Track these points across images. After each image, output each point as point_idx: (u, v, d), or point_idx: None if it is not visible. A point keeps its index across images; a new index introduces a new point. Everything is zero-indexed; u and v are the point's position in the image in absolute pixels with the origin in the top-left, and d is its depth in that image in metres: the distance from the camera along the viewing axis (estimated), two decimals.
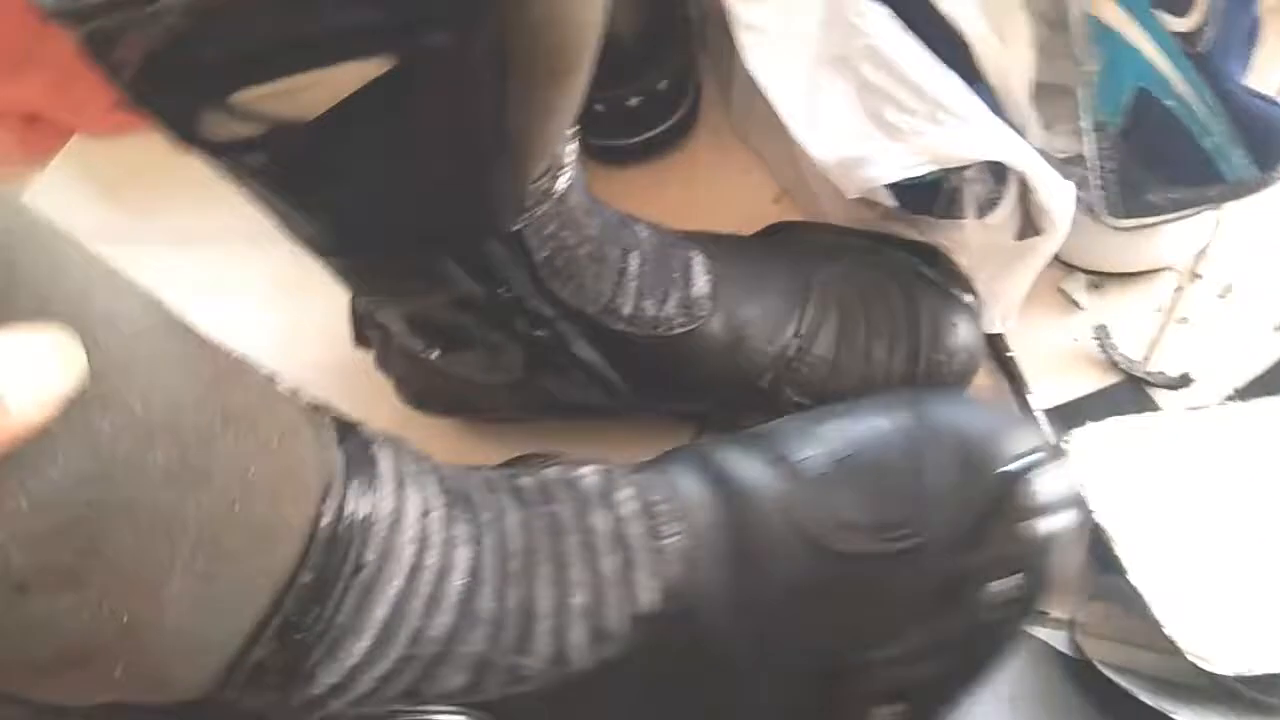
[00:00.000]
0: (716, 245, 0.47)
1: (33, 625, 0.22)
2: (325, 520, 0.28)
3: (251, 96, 0.29)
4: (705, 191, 0.57)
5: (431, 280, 0.39)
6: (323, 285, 0.61)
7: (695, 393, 0.46)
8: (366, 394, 0.56)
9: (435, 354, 0.44)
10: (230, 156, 0.34)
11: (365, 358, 0.58)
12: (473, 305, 0.41)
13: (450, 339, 0.43)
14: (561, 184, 0.38)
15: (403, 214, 0.35)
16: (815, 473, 0.36)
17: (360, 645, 0.30)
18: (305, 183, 0.34)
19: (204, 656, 0.27)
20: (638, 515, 0.35)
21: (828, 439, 0.37)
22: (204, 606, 0.26)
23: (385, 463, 0.33)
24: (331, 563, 0.29)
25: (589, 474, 0.37)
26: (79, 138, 0.68)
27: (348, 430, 0.33)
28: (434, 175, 0.33)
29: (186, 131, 0.31)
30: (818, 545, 0.34)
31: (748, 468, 0.36)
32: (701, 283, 0.45)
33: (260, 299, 0.61)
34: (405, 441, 0.36)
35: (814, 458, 0.36)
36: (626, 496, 0.35)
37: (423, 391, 0.49)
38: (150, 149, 0.68)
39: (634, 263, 0.44)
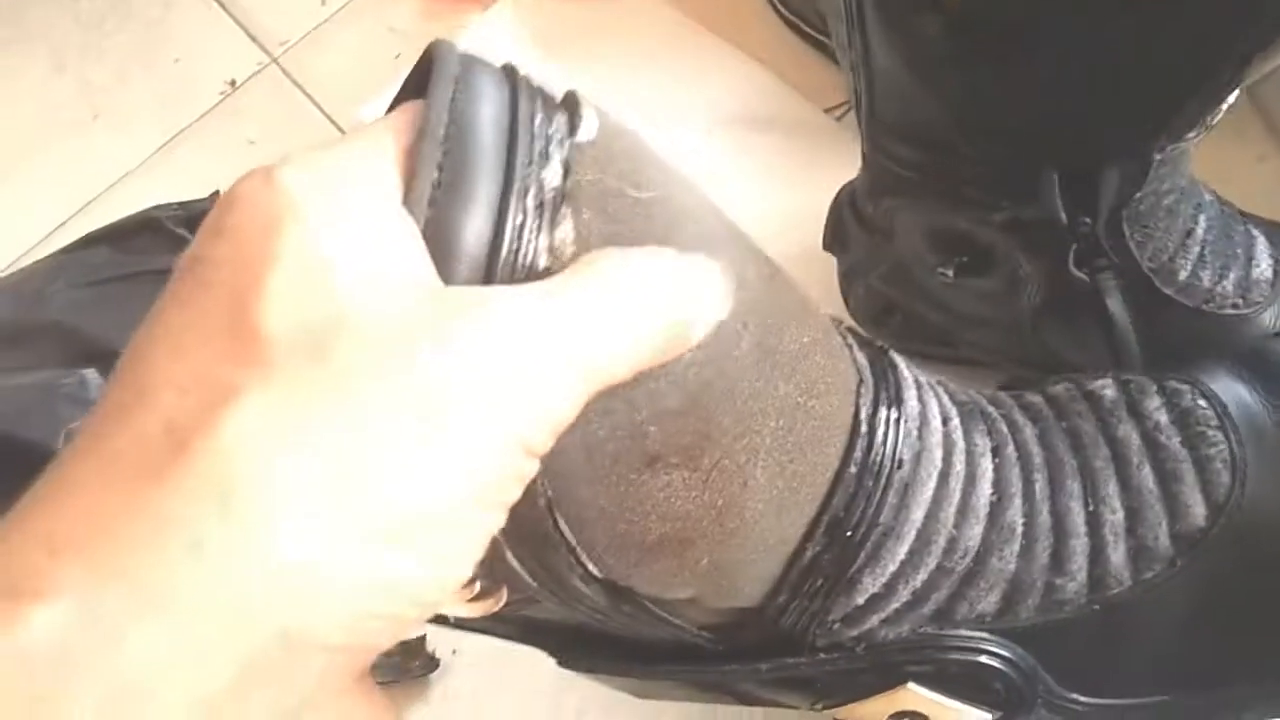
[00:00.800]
0: (1276, 231, 0.42)
1: (651, 501, 0.23)
2: (864, 414, 0.28)
3: None
4: (1205, 174, 0.51)
5: (1013, 194, 0.36)
6: (749, 176, 0.61)
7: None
8: None
9: (949, 274, 0.41)
10: (896, 18, 0.32)
11: (787, 262, 0.56)
12: (1025, 230, 0.38)
13: (973, 260, 0.41)
14: (1219, 118, 0.34)
15: (1064, 110, 0.32)
16: None
17: (900, 549, 0.29)
18: (971, 59, 0.31)
19: (770, 553, 0.27)
20: (1173, 424, 0.31)
21: None
22: (776, 498, 0.26)
23: (904, 369, 0.31)
24: (872, 458, 0.28)
25: (1104, 386, 0.33)
26: None
27: (863, 337, 0.31)
28: (1130, 72, 0.30)
29: None
30: None
31: None
32: (1265, 266, 0.40)
33: None
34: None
35: None
36: (1156, 406, 0.32)
37: (886, 312, 0.47)
38: (594, 13, 0.69)
39: (1201, 226, 0.39)
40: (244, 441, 0.15)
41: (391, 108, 0.21)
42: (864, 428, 0.28)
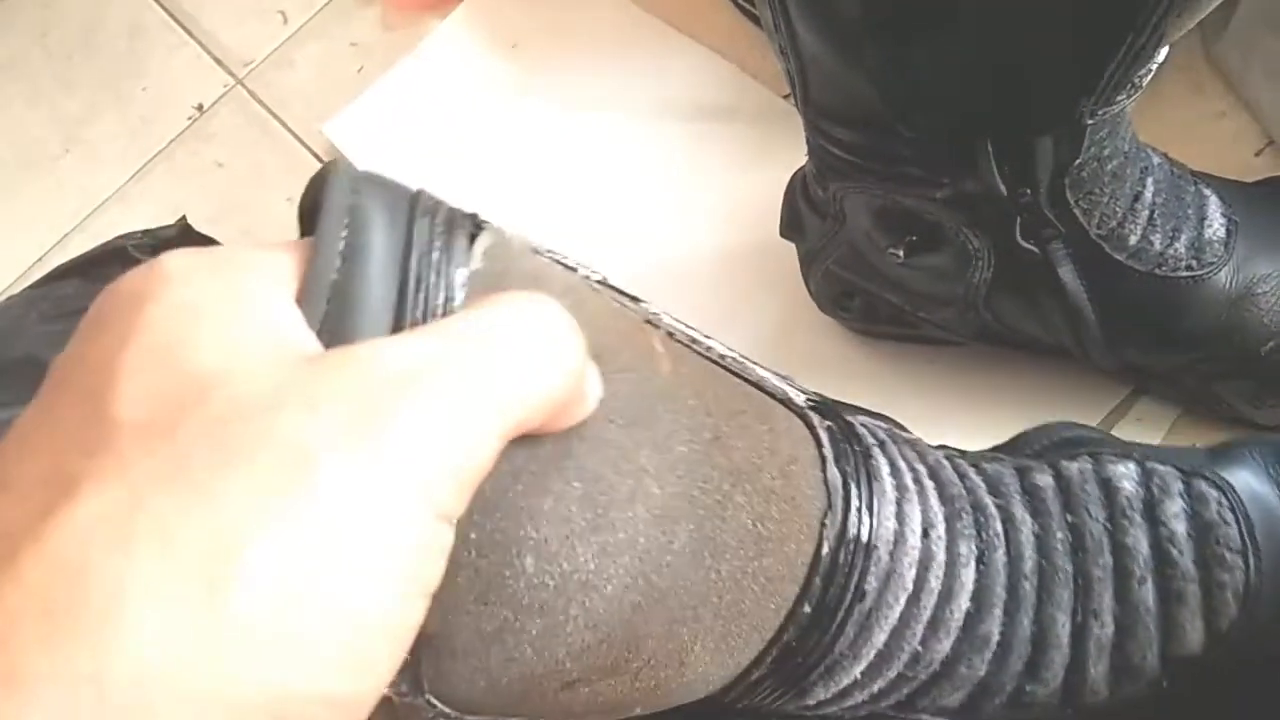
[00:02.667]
0: (1229, 189, 0.41)
1: (575, 703, 0.22)
2: (826, 549, 0.26)
3: None
4: (1166, 133, 0.51)
5: (951, 170, 0.36)
6: (712, 167, 0.61)
7: (1174, 347, 0.41)
8: (752, 291, 0.54)
9: (900, 253, 0.41)
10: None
11: (750, 250, 0.56)
12: (968, 205, 0.38)
13: (922, 239, 0.40)
14: (1149, 79, 0.33)
15: (989, 80, 0.32)
16: None
17: (856, 668, 0.28)
18: (892, 37, 0.31)
19: (711, 686, 0.26)
20: (1189, 538, 0.29)
21: None
22: (718, 657, 0.25)
23: (885, 476, 0.29)
24: (831, 593, 0.26)
25: (1124, 475, 0.31)
26: None
27: (846, 438, 0.29)
28: (1049, 39, 0.30)
29: None
30: None
31: None
32: (1217, 226, 0.40)
33: (644, 173, 0.60)
34: (894, 425, 0.32)
35: None
36: (1175, 512, 0.30)
37: (845, 296, 0.47)
38: (551, 7, 0.69)
39: (1149, 189, 0.39)
40: (76, 543, 0.14)
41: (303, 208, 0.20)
42: (824, 565, 0.26)
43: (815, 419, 0.28)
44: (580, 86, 0.63)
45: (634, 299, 0.24)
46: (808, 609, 0.26)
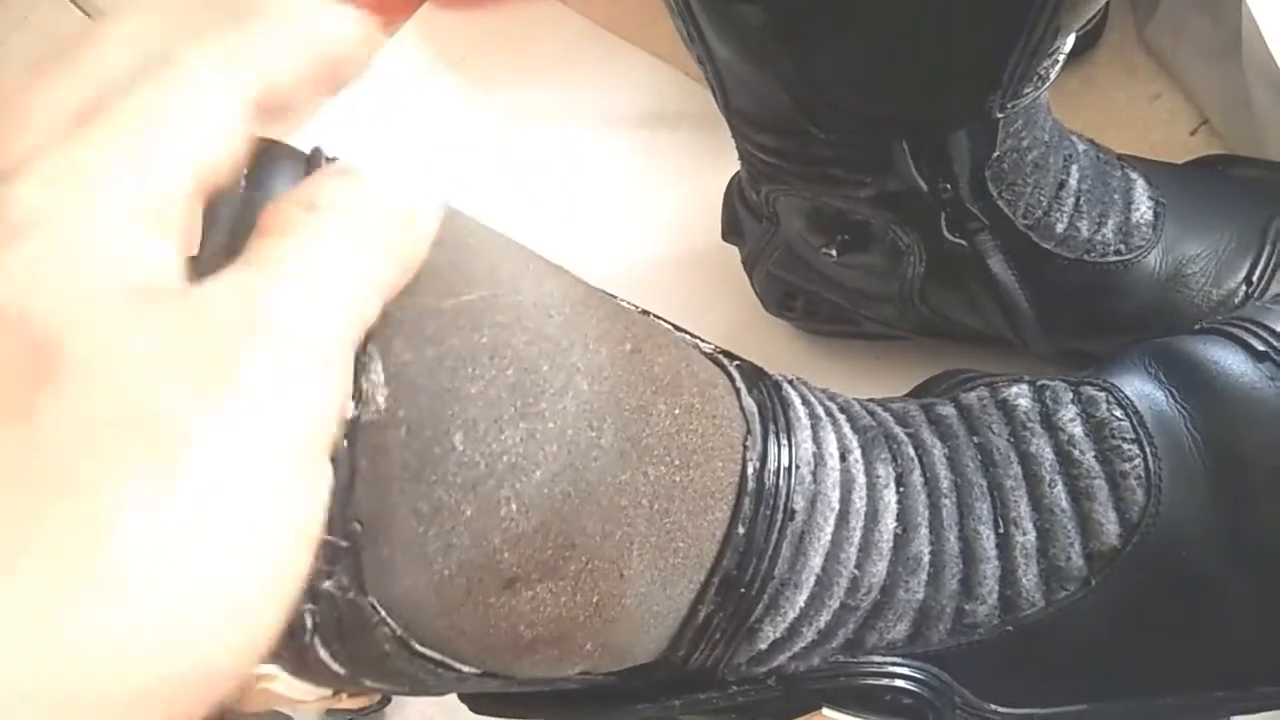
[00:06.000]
0: (1156, 171, 0.42)
1: (517, 615, 0.23)
2: (750, 470, 0.27)
3: None
4: (1101, 117, 0.51)
5: (871, 169, 0.36)
6: (662, 174, 0.61)
7: (1109, 331, 0.41)
8: (702, 295, 0.55)
9: (833, 253, 0.41)
10: (720, 9, 0.32)
11: (700, 256, 0.57)
12: (893, 202, 0.38)
13: (854, 237, 0.41)
14: (1057, 70, 0.34)
15: (893, 80, 0.32)
16: None
17: (799, 597, 0.28)
18: (797, 43, 0.31)
19: (659, 622, 0.27)
20: (1087, 438, 0.30)
21: None
22: (659, 576, 0.25)
23: (798, 405, 0.30)
24: (762, 513, 0.27)
25: (1019, 395, 0.32)
26: (429, 6, 0.69)
27: (756, 375, 0.30)
28: (947, 39, 0.30)
29: None
30: None
31: (1226, 363, 0.30)
32: (1144, 209, 0.40)
33: (594, 182, 0.60)
34: (806, 380, 0.33)
35: None
36: (1070, 417, 0.31)
37: (788, 297, 0.47)
38: (497, 23, 0.69)
39: (1074, 177, 0.39)
40: None
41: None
42: (751, 484, 0.27)
43: (724, 360, 0.30)
44: (528, 98, 0.63)
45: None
46: (741, 530, 0.26)
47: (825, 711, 0.30)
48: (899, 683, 0.29)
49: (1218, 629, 0.29)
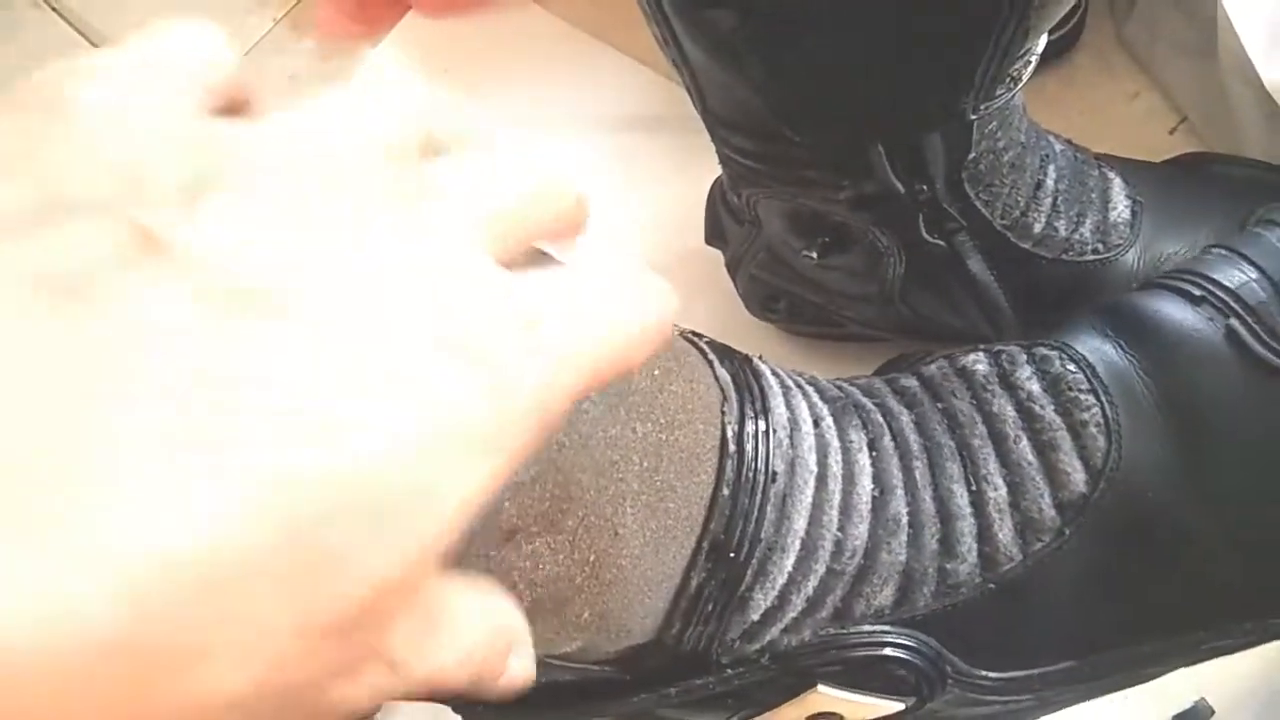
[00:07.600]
0: (1134, 170, 0.42)
1: (517, 572, 0.23)
2: (730, 434, 0.28)
3: None
4: (1082, 117, 0.52)
5: (848, 172, 0.36)
6: (644, 177, 0.61)
7: None
8: (685, 298, 0.55)
9: (813, 255, 0.41)
10: (693, 14, 0.32)
11: (684, 258, 0.57)
12: (871, 204, 0.38)
13: (834, 239, 0.41)
14: (1030, 71, 0.34)
15: (866, 83, 0.32)
16: (1256, 299, 0.30)
17: (787, 561, 0.29)
18: (769, 47, 0.32)
19: (654, 590, 0.27)
20: (1045, 393, 0.31)
21: (1266, 258, 0.31)
22: (651, 538, 0.26)
23: (768, 375, 0.31)
24: (745, 475, 0.28)
25: (976, 361, 0.33)
26: (413, 15, 0.69)
27: (726, 350, 0.31)
28: (921, 41, 0.30)
29: None
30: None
31: (1168, 310, 0.31)
32: (1121, 208, 0.40)
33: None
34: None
35: (1251, 283, 0.30)
36: (1027, 375, 0.32)
37: (771, 299, 0.47)
38: (481, 32, 0.69)
39: (1051, 177, 0.39)
40: None
41: None
42: (732, 447, 0.28)
43: (693, 337, 0.31)
44: (511, 104, 0.64)
45: None
46: (726, 492, 0.27)
47: (819, 688, 0.30)
48: (890, 651, 0.30)
49: (1191, 569, 0.30)
